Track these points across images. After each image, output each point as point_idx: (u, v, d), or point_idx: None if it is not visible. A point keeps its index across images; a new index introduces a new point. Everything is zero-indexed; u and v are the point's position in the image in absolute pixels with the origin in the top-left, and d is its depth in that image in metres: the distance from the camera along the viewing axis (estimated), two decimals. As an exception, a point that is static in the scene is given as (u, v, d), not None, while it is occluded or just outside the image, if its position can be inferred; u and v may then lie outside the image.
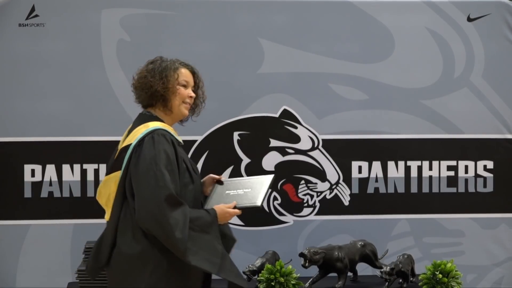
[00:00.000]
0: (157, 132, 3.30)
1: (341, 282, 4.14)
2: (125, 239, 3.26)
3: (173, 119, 3.46)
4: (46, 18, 4.42)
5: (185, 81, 3.46)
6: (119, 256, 3.29)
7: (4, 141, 4.44)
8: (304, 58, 4.55)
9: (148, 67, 3.46)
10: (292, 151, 4.59)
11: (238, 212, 3.37)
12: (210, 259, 3.23)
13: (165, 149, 3.26)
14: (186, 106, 3.46)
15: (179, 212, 3.20)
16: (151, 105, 3.44)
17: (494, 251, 4.67)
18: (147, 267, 3.23)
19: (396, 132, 4.63)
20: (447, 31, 4.62)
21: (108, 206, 3.37)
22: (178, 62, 3.49)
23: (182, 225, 3.19)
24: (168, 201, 3.19)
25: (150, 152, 3.24)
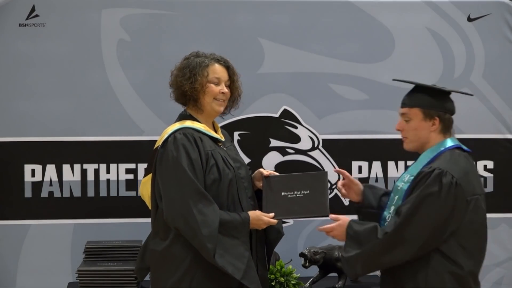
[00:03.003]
0: (179, 132, 3.31)
1: (341, 282, 4.14)
2: (155, 238, 3.33)
3: (207, 116, 3.45)
4: (46, 18, 4.42)
5: (216, 78, 3.43)
6: (150, 255, 3.36)
7: (4, 141, 4.44)
8: (304, 58, 4.55)
9: (181, 65, 3.45)
10: (292, 151, 4.60)
11: (274, 222, 3.35)
12: (235, 264, 3.23)
13: (185, 147, 3.27)
14: (219, 102, 3.44)
15: (208, 210, 3.23)
16: (184, 103, 3.45)
17: (494, 251, 4.66)
18: (173, 264, 3.26)
19: (396, 132, 4.61)
20: (447, 31, 4.62)
21: (149, 205, 3.44)
22: (211, 58, 3.46)
23: (210, 223, 3.21)
24: (194, 199, 3.22)
25: (172, 152, 3.27)
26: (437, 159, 3.12)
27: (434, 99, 3.21)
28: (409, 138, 3.23)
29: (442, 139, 3.19)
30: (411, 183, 3.12)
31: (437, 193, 3.02)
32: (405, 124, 3.23)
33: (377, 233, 3.07)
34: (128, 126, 4.47)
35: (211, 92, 3.40)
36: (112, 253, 4.25)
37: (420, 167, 3.13)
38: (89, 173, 4.49)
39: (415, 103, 3.21)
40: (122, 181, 4.48)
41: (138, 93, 4.48)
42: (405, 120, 3.22)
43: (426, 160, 3.16)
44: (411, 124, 3.21)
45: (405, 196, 3.12)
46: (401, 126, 3.25)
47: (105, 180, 4.49)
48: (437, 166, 3.06)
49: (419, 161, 3.20)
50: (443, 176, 3.03)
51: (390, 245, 3.05)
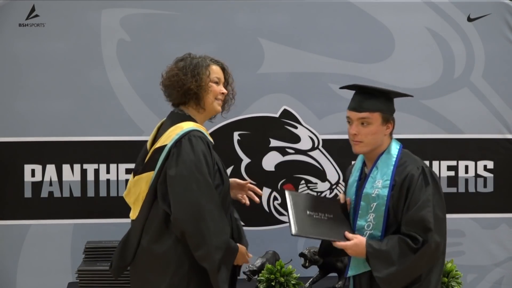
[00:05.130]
0: (193, 134, 3.29)
1: (341, 282, 4.14)
2: (151, 238, 3.27)
3: (205, 116, 3.45)
4: (46, 18, 4.42)
5: (217, 78, 3.44)
6: (143, 255, 3.31)
7: (4, 141, 4.44)
8: (304, 58, 4.55)
9: (178, 65, 3.42)
10: (292, 151, 4.60)
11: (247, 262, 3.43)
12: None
13: (204, 152, 3.26)
14: (218, 102, 3.45)
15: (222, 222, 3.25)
16: (183, 103, 3.41)
17: (494, 251, 4.67)
18: (170, 268, 3.24)
19: (396, 132, 4.61)
20: (447, 31, 4.62)
21: (136, 205, 3.36)
22: (209, 59, 3.46)
23: (222, 235, 3.23)
24: (211, 207, 3.21)
25: (190, 155, 3.23)
26: (402, 160, 3.21)
27: (390, 104, 3.28)
28: (364, 142, 3.21)
29: (390, 141, 3.28)
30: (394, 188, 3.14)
31: (439, 188, 3.18)
32: (362, 128, 3.20)
33: (409, 247, 3.07)
34: (128, 126, 4.47)
35: (214, 92, 3.40)
36: (112, 253, 4.23)
37: (387, 171, 3.17)
38: (89, 173, 4.49)
39: (376, 108, 3.21)
40: (122, 181, 4.48)
41: (138, 93, 4.48)
42: (363, 124, 3.20)
43: (390, 163, 3.19)
44: (370, 128, 3.20)
45: (388, 200, 3.13)
46: (358, 130, 3.21)
47: (105, 180, 4.49)
48: (420, 165, 3.18)
49: (382, 166, 3.20)
50: (432, 172, 3.18)
51: (431, 255, 3.12)
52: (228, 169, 4.53)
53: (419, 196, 3.10)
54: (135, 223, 3.35)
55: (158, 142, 3.33)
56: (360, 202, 3.20)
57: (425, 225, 3.08)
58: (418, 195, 3.11)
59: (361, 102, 3.23)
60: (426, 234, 3.08)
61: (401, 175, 3.15)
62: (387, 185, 3.15)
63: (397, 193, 3.13)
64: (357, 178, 3.29)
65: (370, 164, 3.26)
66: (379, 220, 3.14)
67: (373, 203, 3.16)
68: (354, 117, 3.22)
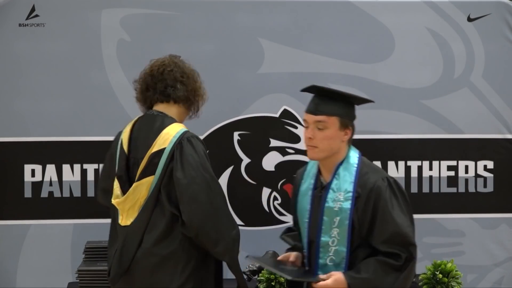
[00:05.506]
0: (190, 135, 3.37)
1: (341, 282, 4.14)
2: (156, 241, 3.30)
3: (183, 119, 3.52)
4: (46, 18, 4.42)
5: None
6: (146, 258, 3.32)
7: (4, 141, 4.44)
8: (304, 58, 4.55)
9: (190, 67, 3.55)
10: (292, 151, 4.59)
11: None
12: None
13: (204, 151, 3.36)
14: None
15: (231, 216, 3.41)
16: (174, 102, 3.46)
17: (494, 251, 4.67)
18: (178, 266, 3.29)
19: (396, 132, 4.63)
20: (447, 31, 4.62)
21: (132, 211, 3.36)
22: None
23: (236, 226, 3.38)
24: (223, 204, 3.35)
25: (194, 157, 3.31)
26: (364, 170, 3.08)
27: (350, 109, 3.12)
28: (320, 148, 3.06)
29: (348, 148, 3.13)
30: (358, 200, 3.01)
31: (407, 198, 3.07)
32: (318, 132, 3.06)
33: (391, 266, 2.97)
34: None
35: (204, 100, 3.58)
36: (112, 253, 4.25)
37: (348, 183, 3.03)
38: (89, 173, 4.49)
39: (334, 112, 3.07)
40: (122, 181, 4.48)
41: (138, 93, 4.48)
42: (319, 128, 3.06)
43: (351, 174, 3.05)
44: (326, 133, 3.06)
45: (351, 213, 3.01)
46: (313, 134, 3.07)
47: (105, 180, 4.49)
48: (384, 176, 3.07)
49: (342, 176, 3.06)
50: (397, 182, 3.06)
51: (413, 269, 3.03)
52: (228, 169, 4.54)
53: (391, 210, 2.97)
54: (133, 228, 3.35)
55: (154, 146, 3.34)
56: (323, 217, 3.06)
57: (408, 240, 2.98)
58: (390, 209, 2.98)
59: (318, 105, 3.10)
60: (409, 249, 2.98)
61: (365, 187, 3.01)
62: (349, 197, 3.01)
63: (362, 206, 3.00)
64: (312, 187, 3.14)
65: (326, 173, 3.11)
66: (343, 235, 3.01)
67: (336, 217, 3.03)
68: (310, 120, 3.09)
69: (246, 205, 4.53)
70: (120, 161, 3.41)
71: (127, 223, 3.35)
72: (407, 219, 3.00)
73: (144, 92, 3.50)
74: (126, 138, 3.44)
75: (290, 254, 3.22)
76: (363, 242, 3.01)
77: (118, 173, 3.40)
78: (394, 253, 2.96)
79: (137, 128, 3.45)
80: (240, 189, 4.53)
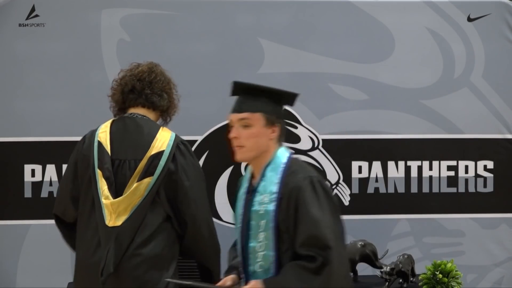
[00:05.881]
0: (182, 139, 3.48)
1: (341, 282, 4.13)
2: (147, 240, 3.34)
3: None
4: (46, 18, 4.42)
5: None
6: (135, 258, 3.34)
7: (4, 141, 4.44)
8: (304, 58, 4.55)
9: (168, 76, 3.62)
10: (292, 151, 4.58)
11: None
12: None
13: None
14: None
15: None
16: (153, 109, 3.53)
17: (494, 251, 4.67)
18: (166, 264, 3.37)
19: (396, 132, 4.63)
20: (447, 31, 4.62)
21: (125, 211, 3.36)
22: None
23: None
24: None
25: (194, 161, 3.49)
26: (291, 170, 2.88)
27: (276, 105, 2.96)
28: (246, 147, 2.89)
29: (277, 148, 2.94)
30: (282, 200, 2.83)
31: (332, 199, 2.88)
32: (242, 130, 2.89)
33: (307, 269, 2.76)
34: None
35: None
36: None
37: (273, 184, 2.86)
38: (89, 173, 4.49)
39: (258, 108, 2.90)
40: (122, 181, 4.48)
41: (138, 93, 4.48)
42: (243, 126, 2.89)
43: (277, 174, 2.87)
44: (251, 130, 2.88)
45: (276, 215, 2.83)
46: (238, 133, 2.89)
47: (105, 180, 4.49)
48: (308, 175, 2.86)
49: (268, 178, 2.89)
50: (321, 181, 2.87)
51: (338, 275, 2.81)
52: (228, 169, 4.54)
53: (311, 210, 2.78)
54: (124, 228, 3.34)
55: (153, 148, 3.38)
56: (251, 222, 2.91)
57: (324, 243, 2.76)
58: (309, 209, 2.79)
59: (242, 103, 2.93)
60: (325, 252, 2.76)
61: (287, 187, 2.83)
62: (274, 199, 2.84)
63: (285, 207, 2.82)
64: (245, 191, 2.98)
65: (257, 175, 2.94)
66: (270, 238, 2.84)
67: (262, 220, 2.86)
68: (235, 119, 2.92)
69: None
70: (105, 162, 3.41)
71: (116, 224, 3.34)
72: (327, 220, 2.80)
73: (126, 94, 3.53)
74: (107, 139, 3.44)
75: (226, 279, 3.04)
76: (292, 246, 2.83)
77: (106, 174, 3.40)
78: (310, 256, 2.77)
79: (118, 130, 3.46)
80: (240, 189, 4.52)
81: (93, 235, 3.39)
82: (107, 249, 3.33)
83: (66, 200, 3.52)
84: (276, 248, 2.84)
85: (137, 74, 3.54)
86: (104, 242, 3.35)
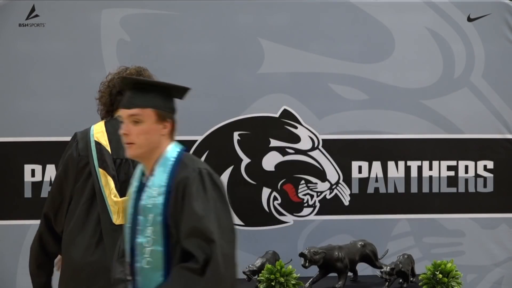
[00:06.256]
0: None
1: (341, 282, 4.14)
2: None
3: None
4: (46, 18, 4.42)
5: None
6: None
7: (4, 141, 4.44)
8: (304, 58, 4.55)
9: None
10: (292, 151, 4.59)
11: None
12: None
13: None
14: None
15: None
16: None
17: (494, 251, 4.67)
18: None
19: (396, 132, 4.63)
20: (447, 31, 4.62)
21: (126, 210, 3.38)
22: None
23: None
24: None
25: None
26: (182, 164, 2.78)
27: (168, 100, 2.85)
28: (137, 144, 2.77)
29: (169, 144, 2.83)
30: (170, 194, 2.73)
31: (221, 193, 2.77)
32: (133, 127, 2.77)
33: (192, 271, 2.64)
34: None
35: None
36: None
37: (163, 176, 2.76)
38: (89, 173, 4.49)
39: (148, 103, 2.78)
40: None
41: (138, 93, 4.48)
42: (134, 122, 2.77)
43: (167, 168, 2.77)
44: (142, 127, 2.76)
45: (165, 209, 2.72)
46: (129, 130, 2.77)
47: (105, 180, 4.49)
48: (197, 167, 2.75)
49: (158, 172, 2.77)
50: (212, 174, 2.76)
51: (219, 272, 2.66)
52: (228, 169, 4.54)
53: (195, 203, 2.68)
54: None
55: None
56: (139, 217, 2.79)
57: (207, 236, 2.64)
58: (193, 202, 2.68)
59: (132, 98, 2.81)
60: (209, 246, 2.64)
61: (177, 178, 2.73)
62: (163, 192, 2.74)
63: (174, 200, 2.71)
64: (136, 189, 2.86)
65: (147, 171, 2.83)
66: (158, 233, 2.73)
67: (150, 214, 2.76)
68: (125, 114, 2.80)
69: (246, 205, 4.53)
70: (107, 161, 3.44)
71: (122, 222, 3.36)
72: (212, 213, 2.69)
73: (114, 96, 3.53)
74: (105, 139, 3.46)
75: None
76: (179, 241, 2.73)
77: (111, 173, 3.43)
78: (194, 254, 2.65)
79: (114, 130, 3.47)
80: (240, 189, 4.53)
81: (91, 235, 3.39)
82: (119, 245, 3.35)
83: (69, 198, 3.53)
84: (164, 244, 2.73)
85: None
86: (109, 240, 3.35)
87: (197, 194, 2.70)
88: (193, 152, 4.50)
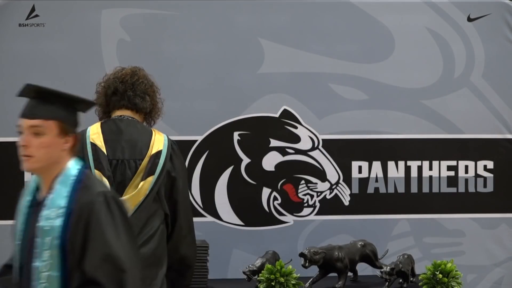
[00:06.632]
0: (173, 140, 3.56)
1: (341, 282, 4.14)
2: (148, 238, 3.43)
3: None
4: (46, 18, 4.42)
5: None
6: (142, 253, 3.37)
7: (4, 141, 4.44)
8: (304, 58, 4.55)
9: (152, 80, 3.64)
10: (292, 151, 4.59)
11: None
12: None
13: None
14: None
15: None
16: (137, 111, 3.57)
17: (494, 251, 4.67)
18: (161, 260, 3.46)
19: (396, 132, 4.63)
20: (447, 31, 4.62)
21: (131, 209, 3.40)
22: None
23: None
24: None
25: (183, 161, 3.62)
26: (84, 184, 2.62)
27: (72, 113, 2.69)
28: (36, 157, 2.59)
29: (70, 160, 2.66)
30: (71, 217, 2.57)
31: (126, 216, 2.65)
32: (33, 139, 2.60)
33: None
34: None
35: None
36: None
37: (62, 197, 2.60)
38: (89, 173, 4.48)
39: (52, 115, 2.62)
40: (122, 181, 4.48)
41: (138, 93, 4.48)
42: (35, 133, 2.61)
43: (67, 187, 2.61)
44: (44, 139, 2.59)
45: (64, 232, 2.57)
46: (29, 141, 2.60)
47: (105, 180, 4.49)
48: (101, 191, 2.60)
49: (58, 191, 2.62)
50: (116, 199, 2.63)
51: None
52: (228, 169, 4.54)
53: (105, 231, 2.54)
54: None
55: (153, 148, 3.46)
56: (36, 239, 2.65)
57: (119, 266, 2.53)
58: (104, 230, 2.54)
59: (34, 108, 2.66)
60: (122, 276, 2.52)
61: (78, 202, 2.57)
62: (62, 214, 2.58)
63: (75, 224, 2.56)
64: (28, 204, 2.74)
65: (45, 187, 2.67)
66: (55, 257, 2.58)
67: (47, 237, 2.61)
68: (25, 125, 2.64)
69: (246, 205, 4.54)
70: (102, 163, 3.46)
71: None
72: (122, 241, 2.57)
73: (110, 96, 3.56)
74: (101, 141, 3.49)
75: None
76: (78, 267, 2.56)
77: (107, 173, 3.45)
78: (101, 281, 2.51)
79: (111, 131, 3.50)
80: (240, 189, 4.53)
81: None
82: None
83: None
84: (63, 269, 2.58)
85: (120, 77, 3.59)
86: None
87: (106, 220, 2.55)
88: (193, 152, 4.50)
